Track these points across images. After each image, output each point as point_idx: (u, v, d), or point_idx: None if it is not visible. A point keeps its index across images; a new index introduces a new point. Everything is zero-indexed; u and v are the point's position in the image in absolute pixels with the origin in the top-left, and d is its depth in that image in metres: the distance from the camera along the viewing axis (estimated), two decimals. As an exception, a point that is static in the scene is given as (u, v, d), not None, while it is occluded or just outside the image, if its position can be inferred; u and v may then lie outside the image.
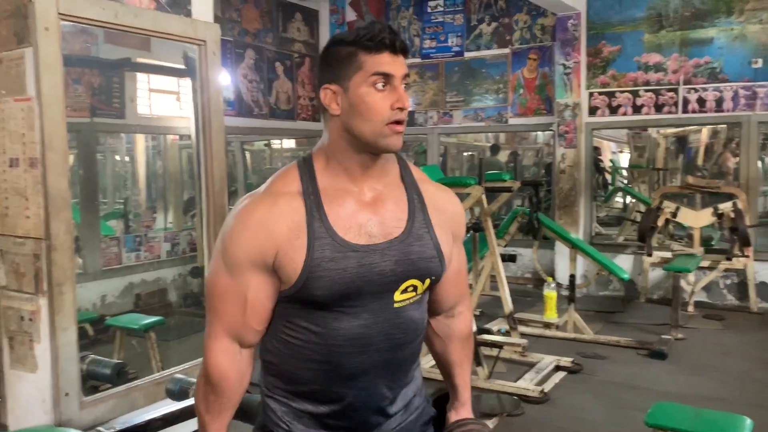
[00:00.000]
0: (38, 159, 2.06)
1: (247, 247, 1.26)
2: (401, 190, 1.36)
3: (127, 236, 5.82)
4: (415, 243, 1.32)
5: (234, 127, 7.04)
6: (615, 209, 10.41)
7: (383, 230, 1.30)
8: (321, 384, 1.33)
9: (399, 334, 1.33)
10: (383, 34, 1.24)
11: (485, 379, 4.16)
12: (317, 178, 1.30)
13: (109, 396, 2.30)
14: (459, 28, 7.55)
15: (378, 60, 1.25)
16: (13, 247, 2.17)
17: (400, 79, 1.26)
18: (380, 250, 1.28)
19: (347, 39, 1.27)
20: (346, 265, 1.25)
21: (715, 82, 6.26)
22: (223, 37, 6.74)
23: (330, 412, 1.34)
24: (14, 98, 2.11)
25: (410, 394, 1.44)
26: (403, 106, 1.26)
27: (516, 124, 7.49)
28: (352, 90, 1.26)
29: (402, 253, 1.30)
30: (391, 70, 1.25)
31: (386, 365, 1.34)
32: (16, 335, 2.19)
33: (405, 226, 1.32)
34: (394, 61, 1.26)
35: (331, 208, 1.28)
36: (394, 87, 1.26)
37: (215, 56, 2.63)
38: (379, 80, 1.25)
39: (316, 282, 1.24)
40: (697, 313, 6.04)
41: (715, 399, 3.94)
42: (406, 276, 1.31)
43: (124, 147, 6.84)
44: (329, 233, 1.26)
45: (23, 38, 2.06)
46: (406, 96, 1.28)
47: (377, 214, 1.31)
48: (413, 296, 1.34)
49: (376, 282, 1.28)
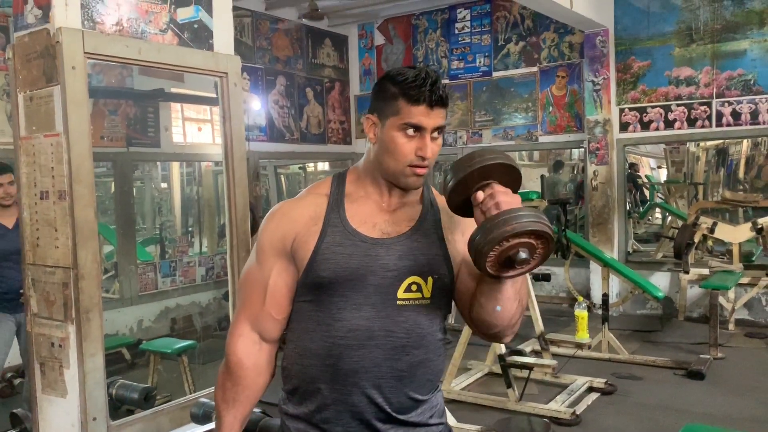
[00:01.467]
0: (66, 191, 2.15)
1: (272, 233, 1.41)
2: (420, 202, 1.47)
3: (162, 261, 5.96)
4: (421, 239, 1.40)
5: (266, 152, 7.18)
6: (653, 225, 10.21)
7: (396, 229, 1.40)
8: (327, 380, 1.36)
9: (401, 333, 1.36)
10: (425, 87, 1.32)
11: (516, 401, 4.12)
12: (346, 185, 1.45)
13: (136, 420, 2.36)
14: (486, 48, 7.58)
15: (414, 111, 1.33)
16: (44, 276, 2.26)
17: (430, 130, 1.35)
18: (387, 245, 1.38)
19: (396, 79, 1.35)
20: (353, 251, 1.36)
21: (749, 95, 6.14)
22: (254, 65, 6.97)
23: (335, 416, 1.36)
24: (44, 134, 2.21)
25: (427, 414, 1.43)
26: (424, 156, 1.35)
27: (546, 142, 7.45)
28: (386, 128, 1.37)
29: (407, 249, 1.38)
30: (423, 123, 1.34)
31: (392, 364, 1.35)
32: (47, 361, 2.27)
33: (414, 224, 1.42)
34: (429, 114, 1.34)
35: (351, 206, 1.41)
36: (423, 136, 1.35)
37: (236, 87, 2.71)
38: (410, 128, 1.34)
39: (323, 264, 1.35)
40: (739, 331, 5.87)
41: (756, 420, 3.82)
42: (409, 272, 1.37)
43: (160, 174, 7.03)
44: (342, 222, 1.38)
45: (51, 77, 2.16)
46: (432, 147, 1.35)
47: (394, 217, 1.42)
48: (418, 297, 1.38)
49: (379, 274, 1.35)
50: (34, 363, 2.32)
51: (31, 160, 2.27)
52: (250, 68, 6.92)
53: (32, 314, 2.32)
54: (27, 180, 2.30)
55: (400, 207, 1.43)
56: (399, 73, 1.35)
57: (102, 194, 6.13)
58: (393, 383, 1.36)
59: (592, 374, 4.65)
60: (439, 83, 1.33)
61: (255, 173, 6.77)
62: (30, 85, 2.24)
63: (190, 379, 4.06)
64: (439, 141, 1.37)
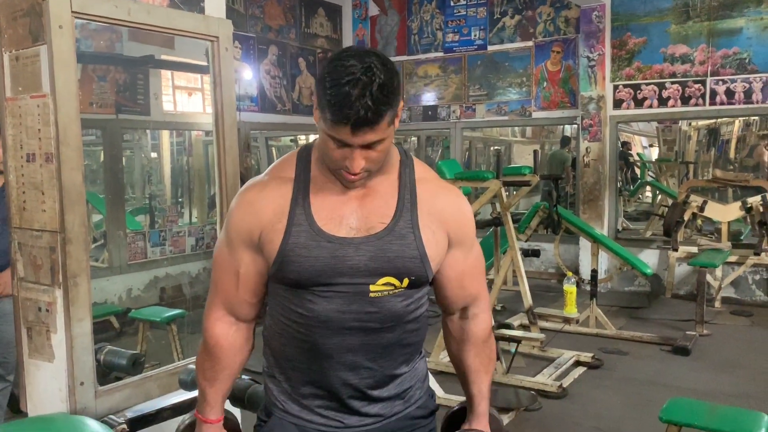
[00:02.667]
0: (53, 154, 2.11)
1: (239, 225, 1.35)
2: (394, 187, 1.35)
3: (152, 231, 5.92)
4: (395, 241, 1.31)
5: (257, 122, 7.11)
6: (643, 204, 10.26)
7: (365, 225, 1.31)
8: (304, 361, 1.37)
9: (373, 321, 1.33)
10: (350, 111, 1.16)
11: (503, 373, 4.15)
12: (311, 167, 1.35)
13: (124, 386, 2.35)
14: (482, 21, 7.50)
15: (337, 129, 1.20)
16: (30, 240, 2.23)
17: (357, 146, 1.22)
18: (355, 244, 1.29)
19: (327, 85, 1.19)
20: (318, 254, 1.29)
21: (744, 73, 6.12)
22: (245, 33, 6.88)
23: (315, 393, 1.38)
24: (30, 95, 2.16)
25: (406, 385, 1.44)
26: (350, 171, 1.25)
27: (539, 118, 7.42)
28: (321, 128, 1.25)
29: (379, 250, 1.30)
30: (349, 141, 1.21)
31: (366, 348, 1.35)
32: (33, 326, 2.25)
33: (388, 223, 1.32)
34: (355, 135, 1.20)
35: (317, 196, 1.32)
36: (351, 150, 1.22)
37: (228, 52, 2.65)
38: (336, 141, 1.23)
39: (289, 266, 1.30)
40: (724, 309, 5.94)
41: (738, 396, 3.87)
42: (381, 273, 1.31)
43: (150, 143, 6.95)
44: (308, 220, 1.30)
45: (38, 36, 2.10)
46: (361, 159, 1.23)
47: (363, 208, 1.32)
48: (391, 289, 1.33)
49: (348, 275, 1.30)
50: (21, 328, 2.30)
51: (17, 121, 2.22)
52: (242, 36, 6.82)
53: (19, 278, 2.29)
54: (13, 142, 2.25)
55: (370, 192, 1.33)
56: (333, 78, 1.18)
57: (91, 163, 6.06)
58: (369, 365, 1.36)
59: (580, 349, 4.70)
60: (368, 100, 1.15)
61: (246, 144, 6.71)
62: (16, 44, 2.18)
63: (179, 348, 4.05)
64: (381, 147, 1.24)
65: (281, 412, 1.41)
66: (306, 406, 1.39)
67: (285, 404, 1.41)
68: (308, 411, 1.39)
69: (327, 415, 1.39)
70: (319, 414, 1.39)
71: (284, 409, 1.41)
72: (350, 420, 1.39)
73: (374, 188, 1.34)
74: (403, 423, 1.44)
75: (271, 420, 1.43)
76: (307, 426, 1.39)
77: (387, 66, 1.21)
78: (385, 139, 1.23)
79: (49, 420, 2.01)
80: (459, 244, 1.40)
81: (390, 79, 1.19)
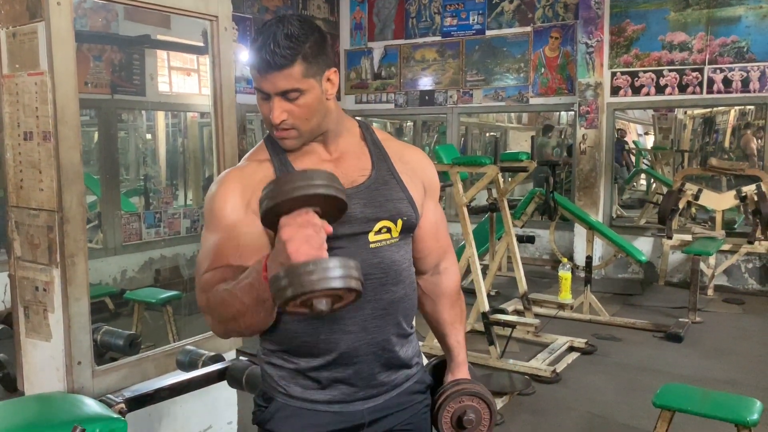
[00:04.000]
0: (51, 132, 2.09)
1: (232, 200, 1.31)
2: (363, 147, 1.42)
3: (147, 212, 5.90)
4: (381, 187, 1.37)
5: (253, 105, 7.05)
6: (638, 191, 10.29)
7: (347, 179, 1.34)
8: (310, 335, 1.34)
9: (379, 273, 1.35)
10: (262, 52, 1.24)
11: (497, 358, 4.18)
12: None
13: (121, 365, 2.35)
14: (480, 5, 7.45)
15: (254, 76, 1.28)
16: (27, 219, 2.22)
17: (275, 94, 1.27)
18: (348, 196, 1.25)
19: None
20: None
21: (741, 62, 6.12)
22: (243, 14, 6.80)
23: (324, 364, 1.34)
24: (28, 72, 2.14)
25: (410, 354, 1.45)
26: (272, 121, 1.29)
27: (537, 104, 7.41)
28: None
29: (369, 197, 1.35)
30: (264, 88, 1.28)
31: (373, 308, 1.35)
32: (31, 305, 2.25)
33: (369, 173, 1.38)
34: (266, 79, 1.26)
35: (296, 161, 1.36)
36: (270, 100, 1.28)
37: (227, 32, 2.63)
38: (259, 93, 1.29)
39: None
40: (717, 297, 5.98)
41: (730, 382, 3.91)
42: (376, 217, 1.35)
43: (145, 124, 6.91)
44: None
45: (36, 13, 2.08)
46: (288, 109, 1.27)
47: (339, 168, 1.36)
48: (388, 237, 1.37)
49: (347, 224, 1.29)
50: (18, 307, 2.29)
51: (14, 99, 2.20)
52: (239, 18, 6.76)
53: (15, 257, 2.28)
54: (10, 120, 2.23)
55: (342, 156, 1.39)
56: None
57: (85, 143, 6.02)
58: (378, 322, 1.36)
59: (573, 334, 4.73)
60: (271, 44, 1.22)
61: (242, 126, 6.68)
62: (13, 20, 2.16)
63: (174, 329, 4.05)
64: (302, 101, 1.27)
65: (284, 396, 1.39)
66: (310, 386, 1.37)
67: (287, 388, 1.38)
68: (313, 390, 1.37)
69: (334, 389, 1.37)
70: (326, 389, 1.37)
71: (286, 392, 1.38)
72: (359, 393, 1.37)
73: (344, 151, 1.40)
74: (403, 398, 1.44)
75: (272, 405, 1.40)
76: (312, 407, 1.37)
77: (304, 22, 1.28)
78: (303, 91, 1.27)
79: (46, 399, 2.01)
80: (431, 194, 1.49)
81: (301, 30, 1.25)
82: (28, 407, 1.90)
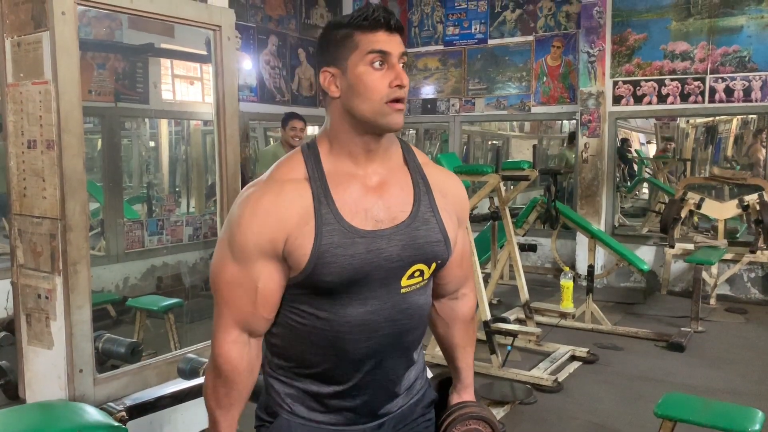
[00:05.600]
0: (54, 141, 2.11)
1: (257, 235, 1.24)
2: (405, 173, 1.36)
3: (150, 220, 5.91)
4: (421, 227, 1.32)
5: (256, 113, 7.09)
6: (640, 200, 10.27)
7: (389, 215, 1.30)
8: (326, 367, 1.33)
9: (405, 319, 1.34)
10: (377, 13, 1.25)
11: (499, 367, 4.17)
12: (322, 163, 1.29)
13: (123, 373, 2.36)
14: (482, 15, 7.48)
15: (374, 38, 1.25)
16: (30, 227, 2.23)
17: (397, 57, 1.26)
18: (387, 236, 1.28)
19: (342, 21, 1.27)
20: (354, 251, 1.25)
21: (743, 72, 6.13)
22: (246, 23, 6.84)
23: (335, 393, 1.35)
24: (32, 81, 2.16)
25: (412, 377, 1.45)
26: (401, 84, 1.25)
27: (539, 113, 7.42)
28: (350, 70, 1.26)
29: (409, 238, 1.30)
30: (388, 48, 1.25)
31: (392, 350, 1.35)
32: (33, 312, 2.26)
33: (411, 210, 1.32)
34: (390, 39, 1.26)
35: (338, 193, 1.28)
36: (391, 65, 1.26)
37: (230, 41, 2.65)
38: (376, 58, 1.25)
39: (325, 268, 1.23)
40: (719, 306, 5.96)
41: (732, 392, 3.90)
42: (413, 261, 1.31)
43: (148, 132, 6.93)
44: (337, 219, 1.25)
45: (40, 22, 2.10)
46: (405, 73, 1.27)
47: (382, 199, 1.30)
48: (420, 281, 1.34)
49: (384, 267, 1.27)
50: (21, 314, 2.30)
51: (18, 107, 2.22)
52: (242, 26, 6.79)
53: (18, 265, 2.29)
54: (14, 128, 2.25)
55: (385, 180, 1.32)
56: (341, 17, 1.28)
57: (89, 151, 6.04)
58: (394, 360, 1.37)
59: (575, 343, 4.72)
60: (386, 11, 1.26)
61: (244, 134, 6.69)
62: (18, 30, 2.18)
63: (176, 337, 4.05)
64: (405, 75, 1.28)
65: (288, 414, 1.37)
66: (315, 408, 1.37)
67: (292, 406, 1.37)
68: (317, 413, 1.37)
69: (339, 415, 1.37)
70: (331, 413, 1.37)
71: (291, 410, 1.37)
72: (363, 420, 1.38)
73: (386, 177, 1.33)
74: (406, 412, 1.44)
75: (277, 421, 1.39)
76: (317, 427, 1.37)
77: None
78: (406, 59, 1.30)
79: (48, 406, 2.01)
80: (462, 224, 1.45)
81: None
82: (30, 415, 1.91)
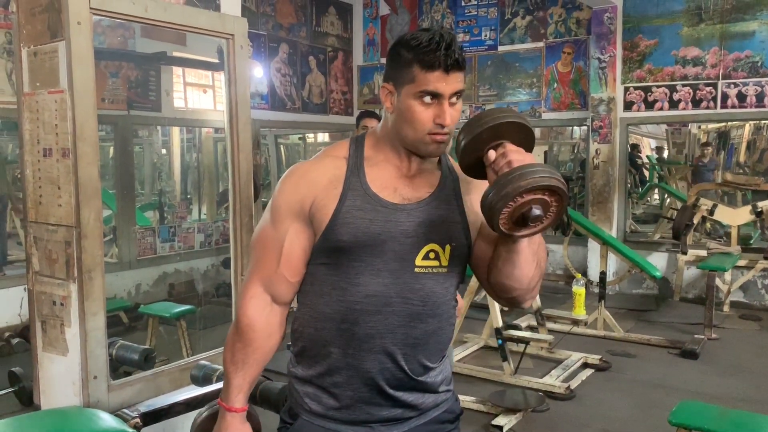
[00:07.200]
0: (70, 149, 2.13)
1: (290, 194, 1.38)
2: (437, 169, 1.44)
3: (161, 227, 5.95)
4: (442, 205, 1.38)
5: (267, 120, 7.13)
6: (652, 206, 10.22)
7: (416, 195, 1.38)
8: (340, 345, 1.36)
9: (417, 300, 1.35)
10: (439, 52, 1.26)
11: (511, 374, 4.15)
12: (365, 149, 1.41)
13: (136, 380, 2.37)
14: (493, 21, 7.49)
15: (430, 77, 1.28)
16: (46, 234, 2.25)
17: (447, 97, 1.30)
18: (407, 210, 1.36)
19: (410, 44, 1.30)
20: (374, 216, 1.34)
21: (756, 77, 6.09)
22: (257, 31, 6.90)
23: (347, 381, 1.36)
24: (48, 90, 2.18)
25: (438, 379, 1.43)
26: (443, 124, 1.31)
27: (549, 119, 7.41)
28: (402, 96, 1.32)
29: (427, 215, 1.36)
30: (440, 90, 1.29)
31: (405, 335, 1.35)
32: (48, 319, 2.27)
33: (434, 190, 1.40)
34: (445, 79, 1.28)
35: (371, 170, 1.38)
36: (440, 103, 1.30)
37: (243, 50, 2.67)
38: (427, 96, 1.30)
39: (343, 227, 1.32)
40: (733, 313, 5.91)
41: (747, 400, 3.86)
42: (427, 239, 1.36)
43: (160, 139, 6.98)
44: (363, 187, 1.35)
45: (56, 32, 2.12)
46: (451, 113, 1.31)
47: (413, 183, 1.39)
48: (435, 265, 1.37)
49: (398, 241, 1.34)
50: (36, 321, 2.32)
51: (34, 116, 2.24)
52: (253, 34, 6.84)
53: (34, 272, 2.31)
54: (30, 137, 2.27)
55: (419, 173, 1.40)
56: (413, 37, 1.30)
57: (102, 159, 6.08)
58: (407, 350, 1.36)
59: (587, 350, 4.69)
60: (454, 45, 1.27)
61: (256, 141, 6.73)
62: (34, 39, 2.20)
63: (188, 344, 4.07)
64: (459, 106, 1.32)
65: (307, 414, 1.40)
66: (331, 405, 1.38)
67: (311, 405, 1.40)
68: (335, 409, 1.38)
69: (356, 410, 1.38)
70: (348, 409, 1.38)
71: (310, 410, 1.40)
72: (380, 413, 1.38)
73: (421, 170, 1.41)
74: (431, 427, 1.44)
75: (297, 422, 1.42)
76: (335, 427, 1.39)
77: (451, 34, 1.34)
78: (463, 92, 1.34)
79: (62, 413, 2.02)
80: None
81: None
82: (44, 422, 1.92)
